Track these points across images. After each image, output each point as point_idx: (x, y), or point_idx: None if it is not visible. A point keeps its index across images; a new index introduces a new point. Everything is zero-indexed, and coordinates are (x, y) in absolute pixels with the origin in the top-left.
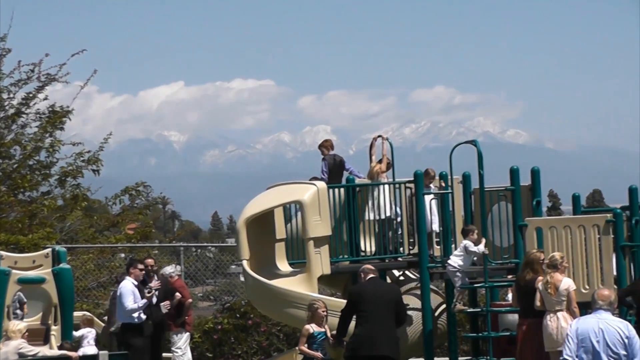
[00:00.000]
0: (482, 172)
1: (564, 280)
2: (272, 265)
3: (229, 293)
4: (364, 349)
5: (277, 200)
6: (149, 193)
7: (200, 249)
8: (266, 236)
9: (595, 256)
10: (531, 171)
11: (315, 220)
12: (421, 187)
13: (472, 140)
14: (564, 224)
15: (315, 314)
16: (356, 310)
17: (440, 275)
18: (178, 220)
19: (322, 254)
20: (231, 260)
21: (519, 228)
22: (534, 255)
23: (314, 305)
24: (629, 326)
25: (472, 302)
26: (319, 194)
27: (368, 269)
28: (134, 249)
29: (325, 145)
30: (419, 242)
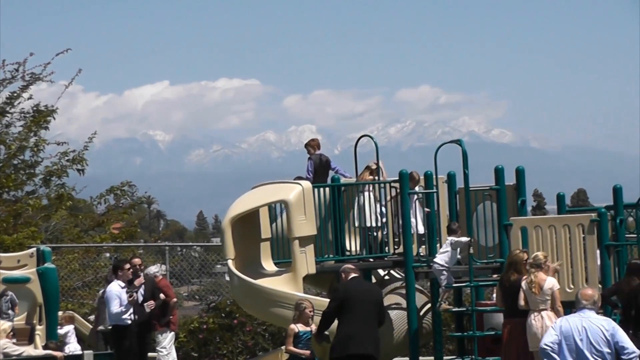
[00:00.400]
0: (467, 171)
1: (547, 279)
2: (257, 265)
3: (214, 292)
4: (352, 348)
5: (262, 200)
6: (134, 192)
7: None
8: (251, 236)
9: (580, 255)
10: (516, 171)
11: (301, 219)
12: (406, 187)
13: (457, 139)
14: (549, 224)
15: (303, 314)
16: (342, 309)
17: (426, 274)
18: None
19: (308, 253)
20: (216, 260)
21: (504, 227)
22: (518, 256)
23: (301, 305)
24: (611, 322)
25: (457, 302)
26: (304, 193)
27: (349, 268)
28: (119, 248)
29: (312, 145)
30: (404, 242)
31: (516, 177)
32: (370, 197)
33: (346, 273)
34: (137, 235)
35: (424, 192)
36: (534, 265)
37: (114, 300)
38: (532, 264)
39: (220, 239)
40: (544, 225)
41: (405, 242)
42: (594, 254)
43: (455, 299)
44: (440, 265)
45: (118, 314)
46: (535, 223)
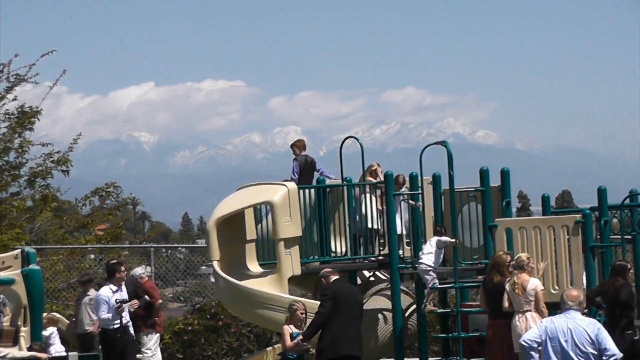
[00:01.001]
0: (452, 173)
1: (531, 280)
2: (242, 266)
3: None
4: (345, 349)
5: (247, 201)
6: (118, 194)
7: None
8: (236, 237)
9: (565, 257)
10: (501, 172)
11: (286, 221)
12: (391, 189)
13: (442, 141)
14: (534, 225)
15: (294, 316)
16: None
17: (411, 276)
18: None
19: (293, 254)
20: (201, 261)
21: (489, 229)
22: (501, 258)
23: (293, 307)
24: (596, 323)
25: (442, 303)
26: (289, 194)
27: (328, 271)
28: (104, 250)
29: (298, 145)
30: (389, 243)
31: (501, 179)
32: (373, 199)
33: (327, 277)
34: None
35: (409, 193)
36: (517, 267)
37: (102, 305)
38: (515, 266)
39: (206, 241)
40: (529, 226)
41: (391, 244)
42: (578, 255)
43: (440, 300)
44: (426, 266)
45: (105, 320)
46: (520, 224)
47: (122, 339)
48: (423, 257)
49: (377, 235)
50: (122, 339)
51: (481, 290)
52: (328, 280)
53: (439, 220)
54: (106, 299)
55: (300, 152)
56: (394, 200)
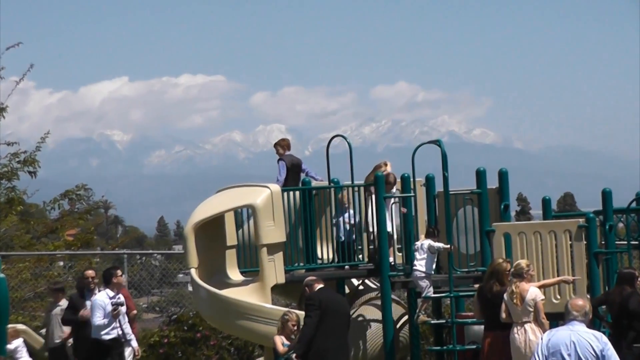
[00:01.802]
0: (447, 174)
1: (530, 289)
2: (222, 274)
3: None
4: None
5: (227, 204)
6: (90, 197)
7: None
8: (216, 243)
9: (567, 264)
10: (499, 173)
11: (269, 225)
12: (382, 191)
13: (436, 140)
14: (534, 230)
15: (286, 327)
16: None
17: (403, 284)
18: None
19: (276, 261)
20: (178, 269)
21: (486, 234)
22: (500, 266)
23: (285, 317)
24: (603, 337)
25: (437, 313)
26: (272, 197)
27: (312, 280)
28: (74, 256)
29: (282, 145)
30: (380, 249)
31: (499, 180)
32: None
33: (311, 285)
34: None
35: (401, 195)
36: (515, 275)
37: (98, 310)
38: (513, 273)
39: (183, 247)
40: (529, 231)
41: (381, 250)
42: (581, 262)
43: (434, 310)
44: (420, 272)
45: (100, 327)
46: (519, 229)
47: (118, 351)
48: (416, 263)
49: (390, 240)
50: (118, 351)
51: (476, 299)
52: (312, 289)
53: (433, 224)
54: (102, 304)
55: (285, 152)
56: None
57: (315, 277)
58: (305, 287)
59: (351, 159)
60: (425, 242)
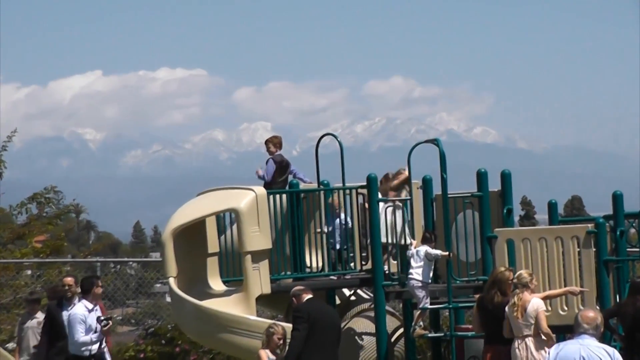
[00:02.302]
0: (445, 175)
1: (532, 300)
2: (203, 284)
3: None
4: None
5: (209, 209)
6: (60, 200)
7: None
8: (196, 250)
9: (575, 272)
10: (501, 174)
11: (254, 231)
12: (375, 194)
13: (433, 139)
14: (539, 236)
15: (271, 340)
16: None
17: (398, 294)
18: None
19: (261, 270)
20: (156, 278)
21: (488, 240)
22: (502, 275)
23: (270, 330)
24: (615, 353)
25: (434, 326)
26: (257, 200)
27: (300, 290)
28: (43, 265)
29: (274, 142)
30: (373, 257)
31: (501, 182)
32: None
33: (299, 295)
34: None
35: (396, 199)
36: (517, 286)
37: (79, 325)
38: (515, 284)
39: (161, 254)
40: (534, 237)
41: (375, 257)
42: (590, 270)
43: (431, 323)
44: (417, 281)
45: (83, 343)
46: (523, 235)
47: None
48: (412, 271)
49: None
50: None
51: (476, 310)
52: (300, 300)
53: (431, 230)
54: (82, 317)
55: (276, 151)
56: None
57: (303, 286)
58: (293, 297)
59: (342, 160)
60: (421, 249)
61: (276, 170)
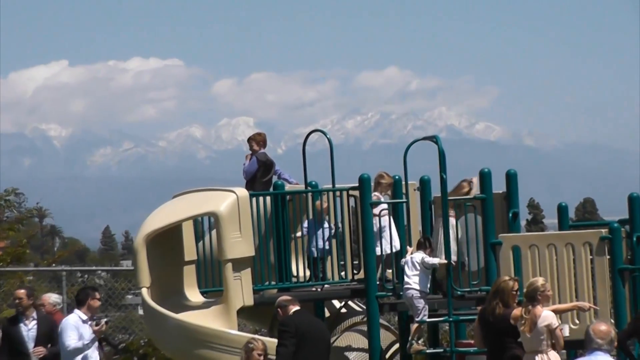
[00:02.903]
0: (445, 176)
1: (543, 314)
2: (179, 295)
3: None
4: None
5: (185, 212)
6: (21, 203)
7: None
8: (172, 258)
9: (587, 283)
10: (506, 175)
11: (235, 237)
12: (368, 195)
13: (432, 136)
14: (548, 242)
15: (250, 356)
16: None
17: (392, 306)
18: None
19: (243, 279)
20: (127, 289)
21: (491, 247)
22: (506, 285)
23: (249, 345)
24: None
25: (433, 341)
26: (239, 203)
27: (286, 300)
28: (3, 274)
29: (257, 140)
30: (366, 265)
31: (506, 183)
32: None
33: (285, 307)
34: (26, 258)
35: (391, 202)
36: (528, 297)
37: (71, 332)
38: (526, 295)
39: (132, 262)
40: (542, 243)
41: (368, 266)
42: (604, 280)
43: (430, 337)
44: (415, 291)
45: (75, 349)
46: (530, 241)
47: None
48: (408, 280)
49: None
50: None
51: (477, 323)
52: (287, 312)
53: (428, 235)
54: (75, 324)
55: (260, 149)
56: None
57: (290, 297)
58: (278, 309)
59: (332, 159)
60: (416, 256)
61: (259, 169)
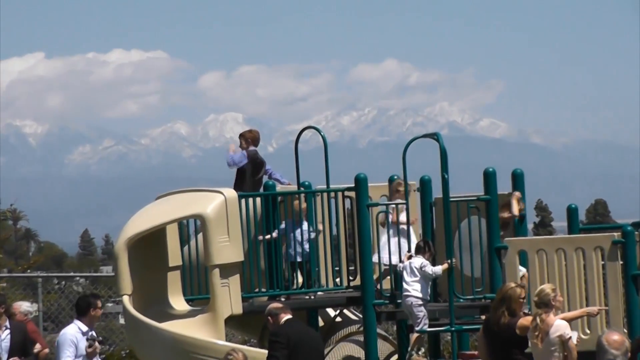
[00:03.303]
0: (447, 175)
1: (555, 323)
2: (163, 303)
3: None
4: None
5: (170, 215)
6: None
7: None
8: (155, 263)
9: (599, 289)
10: (512, 174)
11: (222, 241)
12: (365, 197)
13: (433, 133)
14: (557, 246)
15: None
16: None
17: (390, 315)
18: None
19: (232, 286)
20: (107, 296)
21: (496, 251)
22: (513, 292)
23: (228, 357)
24: None
25: (434, 352)
26: (227, 205)
27: (277, 308)
28: None
29: (248, 137)
30: (362, 272)
31: (512, 183)
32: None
33: (276, 315)
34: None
35: (389, 203)
36: (539, 304)
37: (68, 348)
38: (537, 303)
39: (113, 268)
40: (550, 248)
41: (364, 272)
42: (616, 286)
43: (431, 348)
44: (415, 299)
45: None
46: (538, 245)
47: None
48: (408, 287)
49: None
50: None
51: (481, 333)
52: (278, 321)
53: (429, 238)
54: (73, 339)
55: (249, 147)
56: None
57: (281, 305)
58: (269, 317)
59: (326, 157)
60: (415, 261)
61: (248, 167)
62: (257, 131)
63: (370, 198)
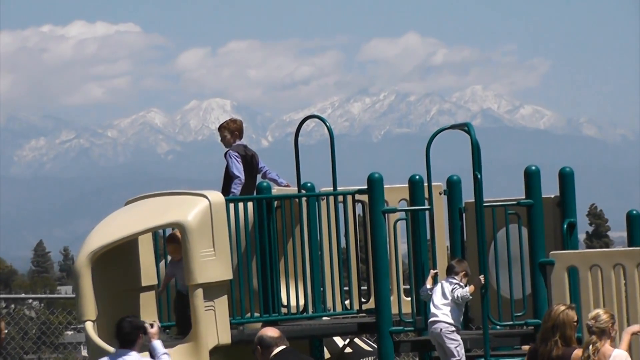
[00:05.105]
0: (480, 175)
1: (614, 353)
2: None
3: None
4: None
5: (142, 224)
6: None
7: (14, 304)
8: (125, 282)
9: None
10: (560, 174)
11: (206, 255)
12: (380, 201)
13: (463, 123)
14: (615, 261)
15: None
16: None
17: (413, 345)
18: None
19: (218, 310)
20: (66, 322)
21: (540, 267)
22: (566, 316)
23: None
24: None
25: None
26: (212, 212)
27: (272, 338)
28: None
29: (231, 129)
30: (377, 292)
31: (560, 185)
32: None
33: (267, 346)
34: None
35: (409, 209)
36: (595, 331)
37: None
38: (593, 330)
39: (73, 288)
40: (606, 263)
41: (379, 293)
42: None
43: None
44: (447, 324)
45: None
46: (591, 260)
47: None
48: (437, 311)
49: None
50: None
51: None
52: (268, 354)
53: (459, 252)
54: None
55: (235, 141)
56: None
57: (276, 333)
58: (258, 346)
59: (333, 153)
60: (445, 284)
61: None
62: (241, 121)
63: (387, 202)
